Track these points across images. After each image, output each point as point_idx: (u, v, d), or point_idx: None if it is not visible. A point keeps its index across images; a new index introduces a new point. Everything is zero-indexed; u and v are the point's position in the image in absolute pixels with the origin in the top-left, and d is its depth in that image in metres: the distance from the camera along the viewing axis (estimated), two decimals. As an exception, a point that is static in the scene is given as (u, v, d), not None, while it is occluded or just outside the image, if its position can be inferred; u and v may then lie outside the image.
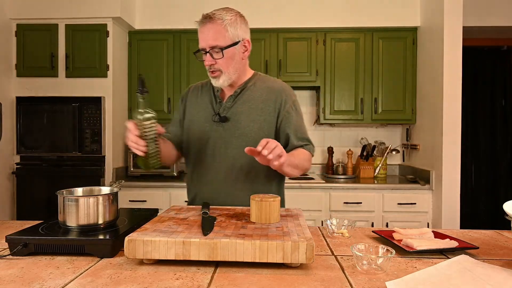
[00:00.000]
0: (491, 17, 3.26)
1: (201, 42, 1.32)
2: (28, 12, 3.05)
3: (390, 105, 3.25)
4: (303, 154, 1.40)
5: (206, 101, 1.47)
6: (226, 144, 1.40)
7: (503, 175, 3.82)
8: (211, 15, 1.31)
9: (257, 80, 1.47)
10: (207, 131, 1.42)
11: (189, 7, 3.30)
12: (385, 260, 0.90)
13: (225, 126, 1.41)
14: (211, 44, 1.30)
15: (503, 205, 0.98)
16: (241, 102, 1.42)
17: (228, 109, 1.42)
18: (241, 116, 1.40)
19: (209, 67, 1.34)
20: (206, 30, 1.31)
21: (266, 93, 1.44)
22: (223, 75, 1.35)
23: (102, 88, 3.05)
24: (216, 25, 1.30)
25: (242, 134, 1.39)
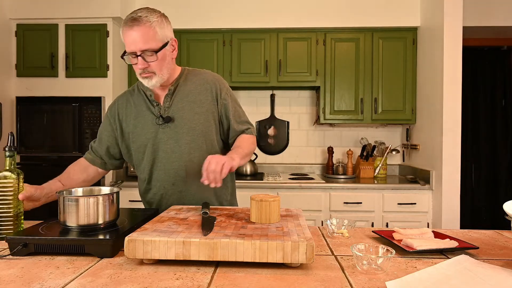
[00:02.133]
0: (491, 17, 3.26)
1: (130, 45, 1.28)
2: (28, 12, 3.05)
3: (390, 105, 3.25)
4: (248, 139, 1.46)
5: (142, 108, 1.45)
6: (178, 141, 1.41)
7: (503, 175, 3.82)
8: (137, 18, 1.27)
9: (187, 74, 1.48)
10: (155, 136, 1.42)
11: (189, 7, 3.30)
12: (385, 260, 0.90)
13: (171, 125, 1.41)
14: (143, 48, 1.27)
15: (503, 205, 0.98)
16: (179, 99, 1.43)
17: (168, 109, 1.42)
18: (183, 111, 1.42)
19: (142, 71, 1.32)
20: (135, 34, 1.27)
21: (200, 84, 1.46)
22: (156, 76, 1.34)
23: (102, 88, 3.05)
24: (145, 28, 1.27)
25: (190, 129, 1.41)
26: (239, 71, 3.25)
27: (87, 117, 3.00)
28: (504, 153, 3.84)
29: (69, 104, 3.00)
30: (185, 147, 1.41)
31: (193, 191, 1.44)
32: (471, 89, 3.82)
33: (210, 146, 1.45)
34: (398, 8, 3.23)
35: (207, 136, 1.44)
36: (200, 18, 3.28)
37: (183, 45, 3.30)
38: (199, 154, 1.42)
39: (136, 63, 1.31)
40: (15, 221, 1.15)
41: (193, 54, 3.30)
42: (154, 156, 1.43)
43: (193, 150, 1.42)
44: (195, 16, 3.28)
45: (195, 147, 1.42)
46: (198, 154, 1.41)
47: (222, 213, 1.21)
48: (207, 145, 1.44)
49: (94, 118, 3.00)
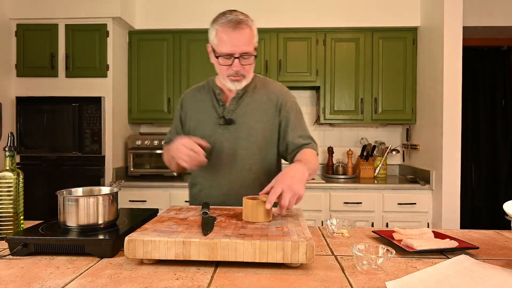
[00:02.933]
0: (491, 17, 3.26)
1: (230, 46, 1.29)
2: (28, 12, 3.05)
3: (390, 105, 3.25)
4: (312, 155, 1.41)
5: (208, 105, 1.46)
6: (234, 146, 1.41)
7: (503, 175, 3.82)
8: (241, 20, 1.29)
9: (257, 82, 1.49)
10: (213, 135, 1.42)
11: (189, 7, 3.30)
12: (385, 260, 0.90)
13: (230, 128, 1.41)
14: (244, 50, 1.29)
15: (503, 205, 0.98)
16: (245, 104, 1.43)
17: (232, 112, 1.42)
18: (246, 117, 1.42)
19: (234, 72, 1.33)
20: (238, 35, 1.28)
21: (267, 94, 1.46)
22: (244, 80, 1.37)
23: (102, 88, 3.05)
24: (247, 31, 1.30)
25: (249, 135, 1.41)
26: (239, 71, 3.24)
27: (87, 117, 3.00)
28: (504, 153, 3.84)
29: (69, 104, 3.00)
30: (240, 152, 1.41)
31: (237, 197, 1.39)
32: (471, 89, 3.82)
33: (264, 155, 1.45)
34: (398, 8, 3.23)
35: (263, 146, 1.44)
36: (200, 18, 3.28)
37: (183, 45, 3.30)
38: (252, 161, 1.42)
39: (229, 64, 1.32)
40: (15, 221, 1.15)
41: (193, 54, 3.30)
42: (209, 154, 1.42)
43: (248, 157, 1.42)
44: (195, 16, 3.28)
45: (250, 154, 1.42)
46: (251, 162, 1.42)
47: (222, 213, 1.21)
48: (262, 155, 1.44)
49: (94, 118, 3.00)
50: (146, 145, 3.21)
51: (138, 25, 3.33)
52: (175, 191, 2.98)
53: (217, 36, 1.31)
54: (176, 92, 3.31)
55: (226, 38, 1.29)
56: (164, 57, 3.31)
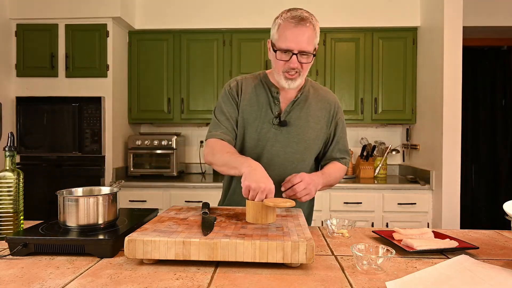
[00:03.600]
0: (491, 17, 3.26)
1: (290, 42, 1.26)
2: (28, 12, 3.05)
3: (390, 105, 3.25)
4: (339, 170, 1.46)
5: (263, 101, 1.41)
6: (285, 148, 1.39)
7: (503, 175, 3.82)
8: (305, 18, 1.26)
9: (310, 87, 1.47)
10: (265, 133, 1.39)
11: (189, 7, 3.30)
12: (385, 260, 0.90)
13: (283, 130, 1.39)
14: (304, 48, 1.26)
15: (503, 205, 0.98)
16: (300, 108, 1.41)
17: (287, 113, 1.40)
18: (300, 122, 1.40)
19: (291, 70, 1.29)
20: (301, 33, 1.25)
21: (321, 102, 1.45)
22: (299, 79, 1.32)
23: (102, 88, 3.05)
24: (310, 30, 1.27)
25: (301, 140, 1.40)
26: (239, 71, 3.25)
27: (87, 117, 3.00)
28: (504, 153, 3.84)
29: (69, 104, 3.00)
30: (289, 156, 1.40)
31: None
32: (471, 89, 3.82)
33: (310, 162, 1.46)
34: (398, 8, 3.23)
35: (312, 152, 1.44)
36: (200, 18, 3.28)
37: (183, 45, 3.30)
38: (300, 166, 1.41)
39: (287, 60, 1.28)
40: (15, 221, 1.15)
41: (193, 54, 3.30)
42: (258, 152, 1.40)
43: (296, 161, 1.41)
44: (195, 16, 3.28)
45: (299, 159, 1.41)
46: (299, 167, 1.41)
47: (222, 213, 1.21)
48: (309, 161, 1.45)
49: (94, 118, 3.00)
50: (146, 145, 3.21)
51: (138, 25, 3.33)
52: (175, 191, 2.98)
53: (278, 30, 1.29)
54: (176, 92, 3.31)
55: (287, 33, 1.26)
56: (164, 57, 3.31)
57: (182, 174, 3.47)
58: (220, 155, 1.31)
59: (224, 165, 1.30)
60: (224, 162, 1.29)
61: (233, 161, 1.25)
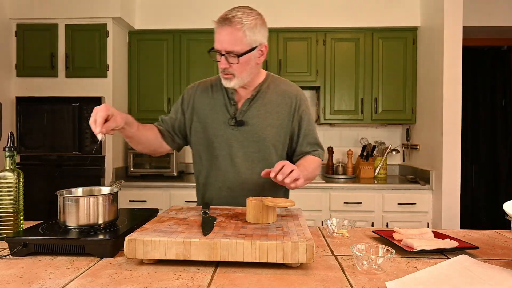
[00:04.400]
0: (491, 17, 3.26)
1: (217, 43, 1.27)
2: (28, 12, 3.05)
3: (390, 105, 3.25)
4: (314, 162, 1.41)
5: (219, 103, 1.41)
6: (244, 148, 1.39)
7: (503, 175, 3.82)
8: (230, 17, 1.24)
9: (270, 82, 1.45)
10: (222, 134, 1.39)
11: (189, 7, 3.30)
12: (385, 260, 0.90)
13: (241, 130, 1.38)
14: (228, 49, 1.25)
15: (503, 205, 0.98)
16: (257, 106, 1.40)
17: (244, 113, 1.39)
18: (258, 120, 1.39)
19: (222, 70, 1.30)
20: (224, 33, 1.25)
21: (281, 96, 1.42)
22: (235, 79, 1.31)
23: (102, 88, 3.05)
24: (234, 30, 1.24)
25: (260, 139, 1.38)
26: (239, 71, 3.24)
27: (87, 117, 3.00)
28: (504, 153, 3.84)
29: (69, 104, 3.00)
30: (249, 155, 1.39)
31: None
32: (471, 89, 3.82)
33: (275, 160, 1.40)
34: (398, 8, 3.23)
35: (274, 150, 1.41)
36: (200, 18, 3.28)
37: (183, 45, 3.30)
38: (262, 165, 1.38)
39: (219, 61, 1.29)
40: (15, 221, 1.15)
41: (193, 54, 3.30)
42: (217, 154, 1.40)
43: (257, 160, 1.39)
44: (195, 16, 3.28)
45: (260, 158, 1.39)
46: (261, 165, 1.38)
47: (222, 213, 1.21)
48: (273, 159, 1.41)
49: (94, 118, 2.99)
50: (146, 145, 3.21)
51: (138, 25, 3.33)
52: (175, 191, 2.98)
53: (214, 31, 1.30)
54: (176, 92, 3.30)
55: (215, 34, 1.27)
56: (164, 57, 3.31)
57: (182, 174, 3.47)
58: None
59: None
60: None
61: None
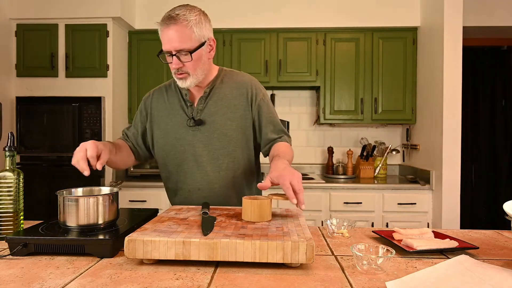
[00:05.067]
0: (491, 17, 3.26)
1: (165, 44, 1.26)
2: (28, 12, 3.05)
3: (390, 105, 3.25)
4: (287, 147, 1.38)
5: (176, 107, 1.41)
6: (208, 146, 1.38)
7: (503, 175, 3.82)
8: (175, 16, 1.24)
9: (224, 76, 1.44)
10: (184, 137, 1.38)
11: (189, 7, 3.29)
12: (385, 260, 0.90)
13: (201, 129, 1.38)
14: (178, 47, 1.24)
15: (503, 205, 0.98)
16: (213, 102, 1.39)
17: (201, 111, 1.38)
18: (216, 116, 1.38)
19: (176, 70, 1.29)
20: (171, 32, 1.24)
21: (236, 88, 1.41)
22: (190, 77, 1.30)
23: (102, 88, 3.05)
24: (181, 27, 1.23)
25: (221, 134, 1.37)
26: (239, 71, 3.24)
27: (87, 117, 3.00)
28: (504, 154, 3.84)
29: (69, 104, 3.00)
30: (214, 153, 1.38)
31: (218, 198, 1.40)
32: (471, 89, 3.82)
33: (241, 153, 1.41)
34: (398, 8, 3.23)
35: (238, 143, 1.39)
36: (200, 18, 3.28)
37: (183, 45, 3.30)
38: (228, 160, 1.38)
39: (171, 62, 1.28)
40: (15, 221, 1.15)
41: (193, 54, 3.29)
42: (182, 157, 1.40)
43: (223, 157, 1.38)
44: (195, 16, 3.28)
45: (225, 154, 1.38)
46: (227, 161, 1.38)
47: (222, 213, 1.21)
48: (238, 152, 1.40)
49: (94, 118, 3.00)
50: (146, 145, 3.21)
51: (138, 25, 3.33)
52: (175, 191, 2.98)
53: (159, 33, 1.29)
54: (176, 92, 3.30)
55: (162, 36, 1.27)
56: (164, 57, 3.31)
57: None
58: None
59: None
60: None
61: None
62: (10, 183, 1.14)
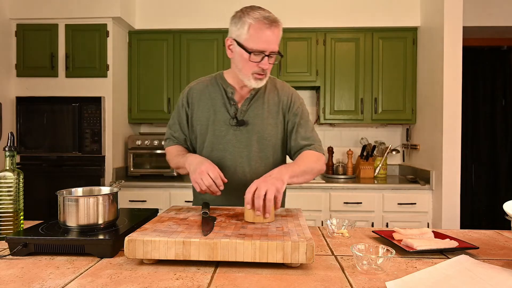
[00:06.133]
0: (491, 17, 3.26)
1: (262, 44, 1.26)
2: (28, 12, 3.05)
3: (390, 105, 3.25)
4: (311, 155, 1.37)
5: (218, 103, 1.40)
6: (247, 147, 1.39)
7: (503, 175, 3.82)
8: (276, 19, 1.28)
9: (267, 82, 1.45)
10: (225, 135, 1.39)
11: (189, 7, 3.30)
12: (385, 260, 0.90)
13: (242, 129, 1.39)
14: (274, 49, 1.28)
15: (503, 205, 0.98)
16: (256, 105, 1.40)
17: (244, 112, 1.39)
18: (258, 119, 1.39)
19: (261, 70, 1.30)
20: (273, 34, 1.26)
21: (277, 95, 1.44)
22: (266, 78, 1.34)
23: (102, 88, 3.05)
24: (279, 31, 1.28)
25: (261, 138, 1.39)
26: (239, 71, 3.24)
27: (87, 117, 3.00)
28: (504, 153, 3.84)
29: (69, 104, 3.00)
30: (253, 155, 1.39)
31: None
32: (471, 89, 3.82)
33: (276, 157, 1.44)
34: (398, 8, 3.23)
35: (275, 148, 1.43)
36: (200, 18, 3.28)
37: (183, 45, 3.30)
38: (265, 164, 1.41)
39: (258, 61, 1.28)
40: (15, 221, 1.15)
41: (193, 54, 3.30)
42: (221, 156, 1.40)
43: (261, 160, 1.41)
44: (195, 16, 3.28)
45: (263, 157, 1.41)
46: (264, 164, 1.41)
47: (222, 213, 1.21)
48: (274, 157, 1.43)
49: (94, 118, 3.00)
50: (146, 145, 3.21)
51: (138, 25, 3.33)
52: (175, 191, 2.98)
53: (249, 30, 1.26)
54: (176, 92, 3.30)
55: (261, 35, 1.25)
56: (164, 57, 3.31)
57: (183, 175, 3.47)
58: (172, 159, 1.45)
59: (177, 168, 1.42)
60: (176, 165, 1.42)
61: (180, 161, 1.38)
62: (10, 183, 1.14)
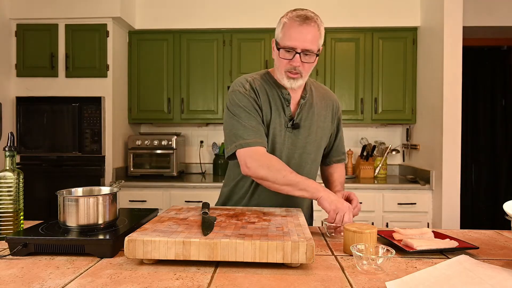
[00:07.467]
0: (491, 17, 3.26)
1: (294, 41, 1.25)
2: (28, 12, 3.05)
3: (390, 105, 3.25)
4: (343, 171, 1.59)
5: (276, 103, 1.36)
6: (301, 150, 1.39)
7: (503, 175, 3.82)
8: (311, 17, 1.26)
9: (311, 85, 1.46)
10: (282, 136, 1.36)
11: (189, 7, 3.30)
12: (385, 260, 0.90)
13: (295, 132, 1.37)
14: (307, 47, 1.25)
15: (503, 205, 0.98)
16: (308, 108, 1.40)
17: (298, 115, 1.37)
18: (309, 122, 1.39)
19: (293, 68, 1.28)
20: (305, 31, 1.24)
21: (323, 99, 1.45)
22: (301, 79, 1.31)
23: (102, 88, 3.05)
24: (314, 29, 1.26)
25: (313, 141, 1.40)
26: (239, 71, 3.25)
27: (87, 117, 3.00)
28: (504, 154, 3.84)
29: (69, 104, 3.00)
30: (305, 157, 1.40)
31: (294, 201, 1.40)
32: (471, 89, 3.82)
33: (316, 162, 1.47)
34: (398, 8, 3.23)
35: (321, 151, 1.47)
36: (200, 18, 3.28)
37: (183, 45, 3.30)
38: (314, 167, 1.44)
39: (290, 58, 1.27)
40: (15, 221, 1.15)
41: (193, 54, 3.30)
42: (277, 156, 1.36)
43: (310, 162, 1.42)
44: (195, 16, 3.28)
45: (312, 159, 1.42)
46: (311, 167, 1.43)
47: (222, 213, 1.21)
48: (319, 160, 1.47)
49: (94, 118, 3.00)
50: (146, 145, 3.21)
51: (138, 25, 3.33)
52: (175, 191, 2.98)
53: (283, 29, 1.27)
54: (176, 92, 3.31)
55: (291, 32, 1.25)
56: (164, 57, 3.31)
57: (182, 174, 3.47)
58: (281, 173, 1.23)
59: (288, 185, 1.23)
60: (289, 182, 1.23)
61: (302, 183, 1.23)
62: (10, 183, 1.14)
